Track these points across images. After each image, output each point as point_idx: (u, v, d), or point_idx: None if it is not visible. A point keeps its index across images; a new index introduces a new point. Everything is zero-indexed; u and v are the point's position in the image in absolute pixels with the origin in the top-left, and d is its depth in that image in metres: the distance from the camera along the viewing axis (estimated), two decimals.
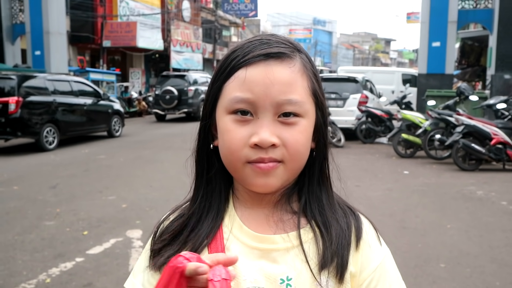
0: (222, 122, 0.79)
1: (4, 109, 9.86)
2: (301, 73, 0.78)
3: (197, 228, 0.83)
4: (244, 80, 0.76)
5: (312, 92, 0.80)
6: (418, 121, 10.08)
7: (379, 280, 0.80)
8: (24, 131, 10.17)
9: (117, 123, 13.44)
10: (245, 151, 0.76)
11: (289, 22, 64.87)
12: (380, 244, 0.83)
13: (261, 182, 0.78)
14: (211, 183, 0.85)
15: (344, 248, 0.79)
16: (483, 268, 4.01)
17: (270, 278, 0.78)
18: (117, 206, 5.91)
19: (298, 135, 0.77)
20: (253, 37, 0.82)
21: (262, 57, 0.76)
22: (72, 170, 8.28)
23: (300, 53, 0.81)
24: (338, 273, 0.77)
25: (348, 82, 12.90)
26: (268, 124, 0.76)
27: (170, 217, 0.89)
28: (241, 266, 0.79)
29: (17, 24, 18.18)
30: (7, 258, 4.18)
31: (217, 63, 0.90)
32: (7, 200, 6.21)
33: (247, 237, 0.81)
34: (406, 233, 4.92)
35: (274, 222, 0.82)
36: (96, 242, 4.59)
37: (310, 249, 0.79)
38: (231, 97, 0.77)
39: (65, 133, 11.34)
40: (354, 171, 8.16)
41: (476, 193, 6.70)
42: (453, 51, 16.52)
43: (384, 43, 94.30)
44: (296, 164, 0.79)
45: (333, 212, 0.83)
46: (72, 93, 11.80)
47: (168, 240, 0.84)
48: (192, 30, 31.61)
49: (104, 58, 24.63)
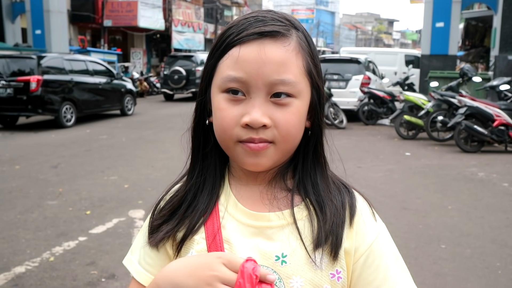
0: (215, 100, 0.79)
1: (26, 87, 10.35)
2: (295, 52, 0.77)
3: (194, 204, 0.83)
4: (237, 58, 0.75)
5: (307, 72, 0.78)
6: (421, 102, 10.03)
7: (375, 255, 0.80)
8: (44, 108, 10.68)
9: (129, 102, 13.92)
10: (236, 130, 0.76)
11: (292, 2, 64.23)
12: (375, 220, 0.83)
13: (252, 161, 0.78)
14: (206, 159, 0.85)
15: (339, 226, 0.79)
16: (483, 248, 4.03)
17: (265, 255, 0.78)
18: (119, 186, 5.93)
19: (290, 117, 0.76)
20: (249, 14, 0.80)
21: (256, 35, 0.75)
22: (73, 150, 8.29)
23: (297, 30, 0.79)
24: (332, 251, 0.78)
25: (350, 63, 12.81)
26: (260, 104, 0.75)
27: (168, 195, 0.90)
28: (236, 244, 0.79)
29: (16, 2, 18.01)
30: (10, 237, 4.21)
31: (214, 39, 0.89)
32: (9, 179, 6.23)
33: (242, 214, 0.82)
34: (407, 214, 4.93)
35: (268, 199, 0.82)
36: (99, 222, 4.61)
37: (304, 227, 0.79)
38: (224, 76, 0.76)
39: (81, 111, 11.84)
40: (356, 152, 8.16)
41: (477, 175, 6.70)
42: (457, 31, 16.35)
43: (387, 24, 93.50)
44: (287, 145, 0.79)
45: (327, 190, 0.83)
46: (88, 72, 12.26)
47: (167, 216, 0.85)
48: (193, 10, 31.31)
49: (105, 38, 24.45)
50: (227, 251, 0.79)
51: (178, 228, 0.82)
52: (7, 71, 10.71)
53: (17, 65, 10.90)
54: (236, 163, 0.82)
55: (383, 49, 29.54)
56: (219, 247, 0.79)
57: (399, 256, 0.83)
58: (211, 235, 0.80)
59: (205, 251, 0.79)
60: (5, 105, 10.57)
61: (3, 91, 10.46)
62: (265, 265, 0.77)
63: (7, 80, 10.46)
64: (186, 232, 0.81)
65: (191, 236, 0.81)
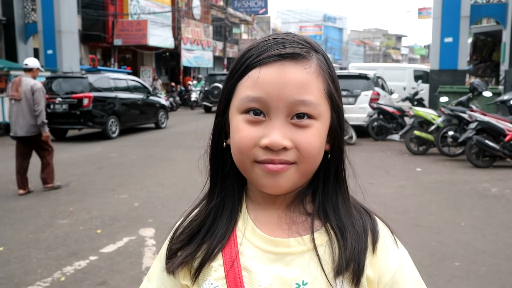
0: (234, 121, 0.78)
1: (79, 103, 11.84)
2: (316, 75, 0.77)
3: (212, 229, 0.82)
4: (257, 80, 0.75)
5: (328, 95, 0.78)
6: (431, 117, 9.99)
7: (399, 284, 0.79)
8: (94, 122, 12.14)
9: (162, 116, 15.39)
10: (254, 151, 0.75)
11: (299, 19, 64.66)
12: (397, 247, 0.82)
13: (270, 183, 0.76)
14: (225, 182, 0.84)
15: (361, 253, 0.77)
16: (499, 266, 3.96)
17: (285, 282, 0.76)
18: (129, 204, 5.93)
19: (312, 138, 0.75)
20: (269, 36, 0.80)
21: (276, 57, 0.75)
22: (85, 168, 8.33)
23: (317, 53, 0.79)
24: (354, 278, 0.76)
25: (359, 79, 12.81)
26: (280, 126, 0.74)
27: (188, 218, 0.88)
28: (255, 271, 0.78)
29: (29, 23, 18.30)
30: (22, 256, 4.21)
31: (230, 61, 0.89)
32: (21, 198, 6.26)
33: (261, 240, 0.80)
34: (420, 231, 4.87)
35: (287, 224, 0.80)
36: (110, 241, 4.61)
37: (325, 253, 0.78)
38: (244, 96, 0.76)
39: (124, 124, 13.26)
40: (366, 168, 8.11)
41: (490, 190, 6.62)
42: (466, 46, 16.33)
43: (395, 39, 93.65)
44: (308, 167, 0.78)
45: (349, 215, 0.81)
46: (128, 89, 13.79)
47: (186, 240, 0.84)
48: (202, 28, 31.63)
49: (115, 57, 24.74)
50: (246, 279, 0.77)
51: (196, 253, 0.81)
52: (61, 89, 12.16)
53: (70, 84, 12.34)
54: (254, 185, 0.81)
55: (391, 64, 29.57)
56: (237, 275, 0.77)
57: (421, 282, 0.82)
58: (229, 262, 0.79)
59: (223, 278, 0.78)
60: (61, 119, 11.94)
61: (59, 106, 11.86)
62: None
63: (63, 97, 11.88)
64: (203, 258, 0.80)
65: (209, 263, 0.80)
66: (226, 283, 0.78)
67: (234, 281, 0.77)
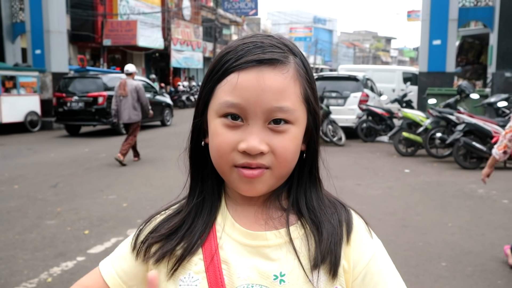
0: (212, 124, 0.79)
1: (94, 101, 13.02)
2: (294, 80, 0.77)
3: (193, 226, 0.84)
4: (236, 85, 0.75)
5: (305, 99, 0.79)
6: (419, 119, 10.07)
7: (374, 273, 0.80)
8: (107, 118, 12.73)
9: (168, 115, 16.49)
10: (233, 155, 0.77)
11: (290, 20, 64.80)
12: (371, 237, 0.84)
13: (247, 188, 0.79)
14: (206, 180, 0.86)
15: (336, 244, 0.79)
16: (485, 266, 4.00)
17: (263, 274, 0.78)
18: (118, 205, 5.91)
19: (288, 143, 0.77)
20: (247, 38, 0.80)
21: (254, 63, 0.75)
22: (72, 169, 8.27)
23: (294, 56, 0.79)
24: (331, 269, 0.78)
25: (348, 81, 12.88)
26: (258, 131, 0.75)
27: (167, 212, 0.90)
28: (234, 264, 0.80)
29: (17, 23, 18.14)
30: (8, 257, 4.18)
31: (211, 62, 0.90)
32: (8, 199, 6.20)
33: (240, 234, 0.82)
34: (407, 232, 4.91)
35: (263, 219, 0.82)
36: (97, 241, 4.59)
37: (302, 245, 0.80)
38: (222, 101, 0.77)
39: None
40: (355, 169, 8.15)
41: (477, 191, 6.69)
42: (454, 49, 16.47)
43: (384, 42, 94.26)
44: (283, 171, 0.79)
45: (323, 210, 0.83)
46: None
47: (166, 235, 0.85)
48: (192, 29, 31.59)
49: (104, 57, 24.62)
50: (225, 271, 0.79)
51: (175, 248, 0.83)
52: (77, 88, 13.34)
53: (85, 83, 13.49)
54: (231, 188, 0.83)
55: (381, 66, 29.71)
56: (217, 268, 0.79)
57: (396, 273, 0.83)
58: (209, 256, 0.80)
59: (203, 272, 0.80)
60: (77, 116, 13.17)
61: (76, 104, 13.02)
62: (263, 285, 0.77)
63: (79, 96, 12.98)
64: (183, 253, 0.81)
65: (189, 257, 0.81)
66: (206, 276, 0.79)
67: (214, 274, 0.79)
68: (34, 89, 14.63)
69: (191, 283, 0.80)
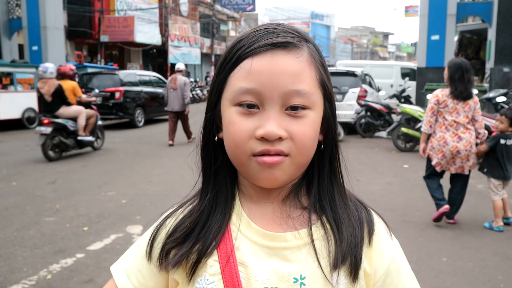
0: (227, 114, 0.76)
1: (111, 97, 13.63)
2: (308, 63, 0.76)
3: (207, 226, 0.80)
4: (250, 70, 0.73)
5: (320, 83, 0.77)
6: (418, 114, 10.05)
7: (393, 275, 0.79)
8: (124, 112, 13.96)
9: None
10: (251, 144, 0.74)
11: (287, 16, 64.70)
12: (391, 238, 0.82)
13: (267, 176, 0.75)
14: (217, 177, 0.82)
15: (357, 246, 0.76)
16: (485, 261, 4.00)
17: (283, 277, 0.75)
18: (117, 201, 5.88)
19: (306, 128, 0.74)
20: (259, 26, 0.78)
21: (268, 46, 0.73)
22: (71, 165, 8.25)
23: (307, 42, 0.78)
24: (352, 272, 0.75)
25: (347, 76, 12.85)
26: (275, 116, 0.73)
27: (179, 214, 0.85)
28: (252, 265, 0.76)
29: (13, 19, 18.07)
30: (7, 254, 4.16)
31: (218, 58, 0.87)
32: (6, 196, 6.18)
33: (257, 235, 0.78)
34: (407, 227, 4.90)
35: (282, 218, 0.79)
36: (97, 238, 4.57)
37: (322, 247, 0.76)
38: (237, 88, 0.74)
39: (148, 114, 15.01)
40: (354, 165, 8.14)
41: (476, 187, 6.69)
42: (452, 44, 16.48)
43: (382, 37, 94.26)
44: (303, 158, 0.76)
45: (344, 207, 0.80)
46: (151, 84, 15.54)
47: (182, 238, 0.81)
48: (190, 25, 31.50)
49: (101, 53, 24.54)
50: (242, 274, 0.76)
51: (191, 251, 0.79)
52: (95, 84, 13.91)
53: (103, 79, 14.18)
54: (249, 179, 0.79)
55: (379, 62, 29.72)
56: (233, 270, 0.76)
57: (412, 274, 0.82)
58: (224, 258, 0.77)
59: (219, 274, 0.76)
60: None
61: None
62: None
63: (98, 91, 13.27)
64: (199, 255, 0.78)
65: (205, 259, 0.78)
66: (222, 279, 0.76)
67: (230, 276, 0.75)
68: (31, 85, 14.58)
69: (207, 286, 0.76)
